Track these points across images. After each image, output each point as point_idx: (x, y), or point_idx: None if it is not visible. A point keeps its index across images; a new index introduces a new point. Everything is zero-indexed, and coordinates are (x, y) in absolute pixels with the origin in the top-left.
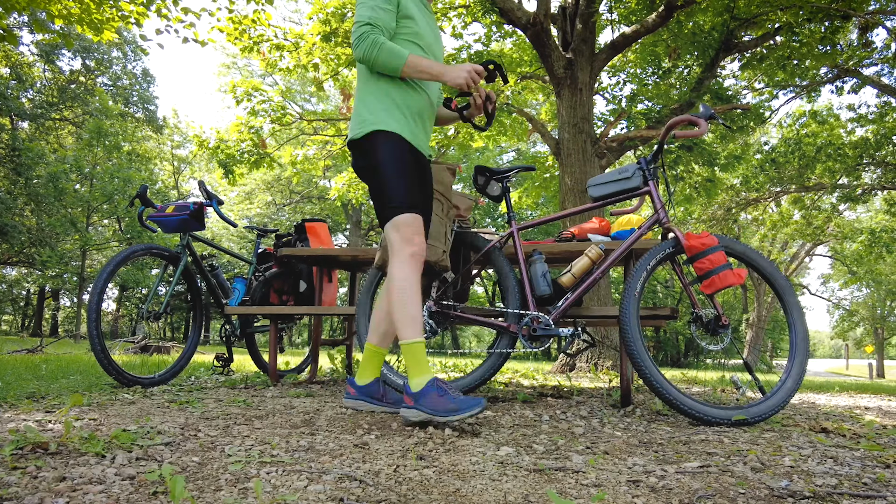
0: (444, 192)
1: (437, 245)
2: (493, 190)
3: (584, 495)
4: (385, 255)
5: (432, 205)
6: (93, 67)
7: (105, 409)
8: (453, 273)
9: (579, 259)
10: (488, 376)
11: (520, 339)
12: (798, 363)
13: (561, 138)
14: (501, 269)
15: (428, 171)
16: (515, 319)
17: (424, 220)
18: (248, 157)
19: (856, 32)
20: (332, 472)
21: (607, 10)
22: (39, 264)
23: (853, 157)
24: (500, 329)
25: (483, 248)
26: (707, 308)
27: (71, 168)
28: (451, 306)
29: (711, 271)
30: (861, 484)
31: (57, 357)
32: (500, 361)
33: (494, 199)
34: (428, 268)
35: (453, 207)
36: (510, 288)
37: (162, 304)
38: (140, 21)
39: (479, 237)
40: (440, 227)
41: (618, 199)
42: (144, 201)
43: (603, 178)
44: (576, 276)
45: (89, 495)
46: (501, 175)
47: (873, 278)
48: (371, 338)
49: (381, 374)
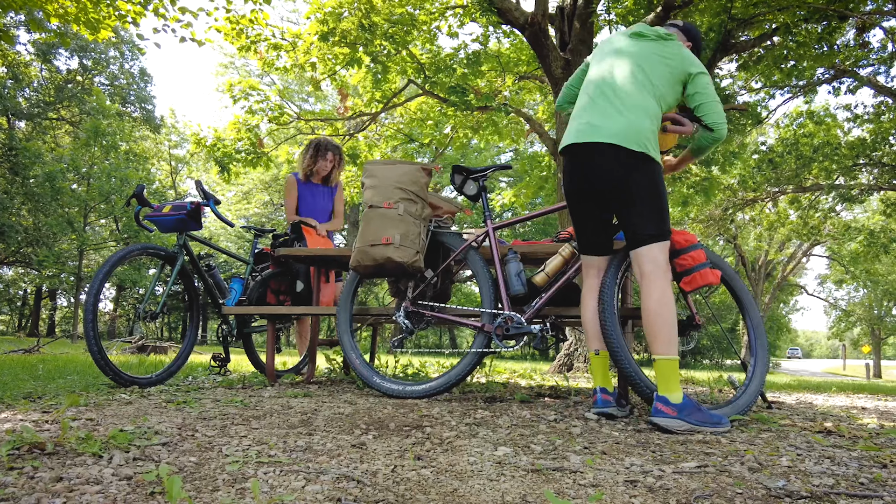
0: (417, 193)
1: (409, 246)
2: (470, 189)
3: (582, 495)
4: (364, 258)
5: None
6: (90, 67)
7: (102, 409)
8: (432, 272)
9: (553, 258)
10: (464, 375)
11: (493, 338)
12: (759, 372)
13: (558, 138)
14: (477, 269)
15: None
16: (490, 319)
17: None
18: (246, 156)
19: (852, 33)
20: (330, 472)
21: (605, 11)
22: (36, 264)
23: (850, 158)
24: (475, 328)
25: (459, 247)
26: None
27: (68, 168)
28: (428, 306)
29: (693, 268)
30: (858, 484)
31: (54, 357)
32: (475, 360)
33: (471, 199)
34: (401, 269)
35: (428, 207)
36: (485, 287)
37: (159, 303)
38: (137, 20)
39: (455, 236)
40: (413, 227)
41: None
42: (141, 201)
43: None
44: (549, 275)
45: (86, 496)
46: (478, 174)
47: (870, 278)
48: (598, 344)
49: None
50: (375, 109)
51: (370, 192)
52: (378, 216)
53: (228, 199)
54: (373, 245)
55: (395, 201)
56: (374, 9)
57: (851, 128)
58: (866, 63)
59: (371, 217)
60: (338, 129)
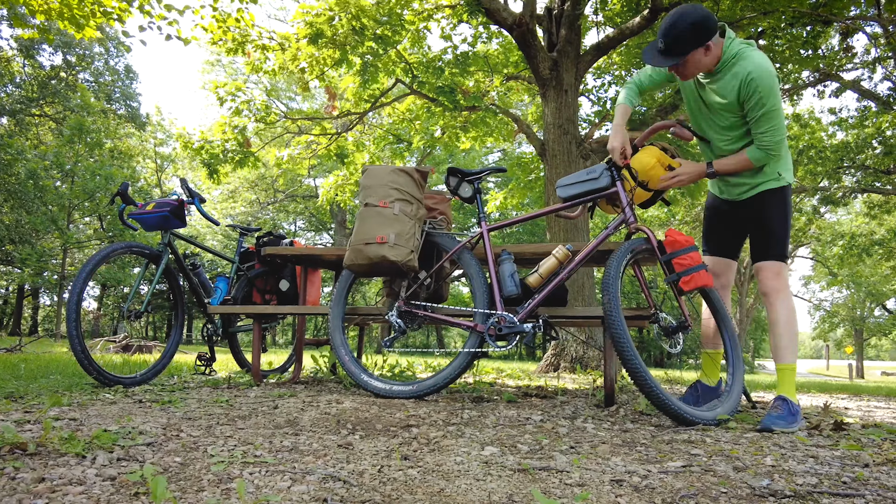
0: (413, 193)
1: (403, 245)
2: (465, 191)
3: (568, 495)
4: (358, 256)
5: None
6: (74, 63)
7: (85, 409)
8: (425, 273)
9: (546, 259)
10: (456, 375)
11: (486, 338)
12: (738, 379)
13: (546, 139)
14: (470, 270)
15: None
16: (483, 319)
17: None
18: (233, 157)
19: (837, 37)
20: (316, 472)
21: (593, 12)
22: (18, 262)
23: (834, 161)
24: (468, 329)
25: (452, 248)
26: (668, 311)
27: (51, 165)
28: (421, 306)
29: (692, 268)
30: (841, 483)
31: (36, 356)
32: (467, 360)
33: (466, 201)
34: (395, 268)
35: (423, 208)
36: (478, 288)
37: (143, 302)
38: (123, 18)
39: (450, 238)
40: (408, 227)
41: (586, 199)
42: (125, 199)
43: (571, 179)
44: (543, 277)
45: (69, 496)
46: (473, 176)
47: (853, 280)
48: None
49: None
50: (363, 109)
51: (366, 192)
52: (373, 215)
53: (214, 197)
54: (367, 243)
55: (391, 201)
56: (363, 11)
57: (836, 131)
58: (851, 67)
59: (366, 215)
60: (325, 128)
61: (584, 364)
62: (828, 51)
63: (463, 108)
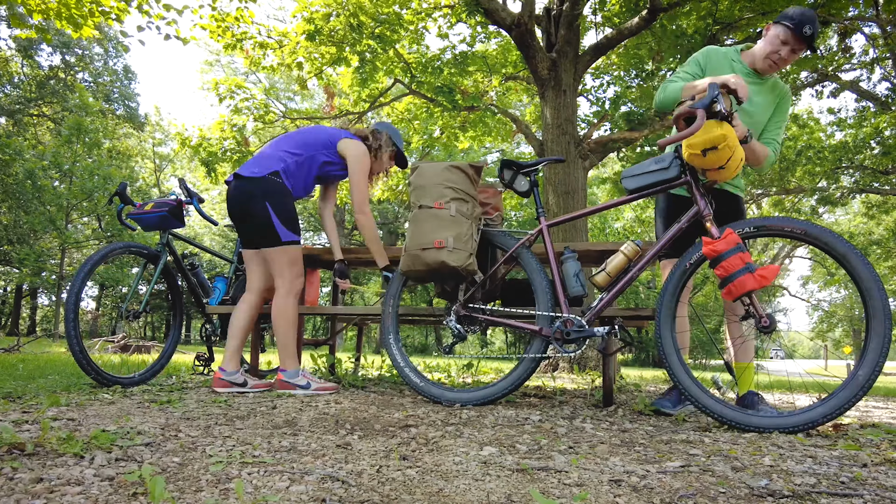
0: (468, 191)
1: (462, 249)
2: (521, 185)
3: (567, 495)
4: (416, 262)
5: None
6: (73, 63)
7: (84, 409)
8: (481, 274)
9: (614, 257)
10: (519, 383)
11: (552, 342)
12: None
13: (545, 139)
14: (531, 270)
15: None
16: (547, 322)
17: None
18: (231, 156)
19: (835, 38)
20: (315, 472)
21: (591, 13)
22: (17, 262)
23: (832, 161)
24: (531, 333)
25: (511, 247)
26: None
27: (50, 165)
28: (480, 309)
29: (727, 278)
30: (839, 483)
31: (34, 356)
32: (531, 367)
33: (522, 195)
34: (455, 273)
35: (479, 206)
36: (541, 289)
37: (142, 302)
38: (121, 17)
39: (507, 236)
40: (466, 228)
41: (654, 190)
42: (124, 199)
43: (638, 169)
44: (611, 275)
45: (67, 497)
46: (529, 168)
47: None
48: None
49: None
50: (362, 109)
51: (419, 192)
52: (429, 217)
53: (213, 197)
54: (424, 249)
55: (447, 201)
56: (361, 8)
57: (834, 131)
58: (849, 68)
59: (421, 218)
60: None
61: (583, 364)
62: (826, 51)
63: (461, 108)
